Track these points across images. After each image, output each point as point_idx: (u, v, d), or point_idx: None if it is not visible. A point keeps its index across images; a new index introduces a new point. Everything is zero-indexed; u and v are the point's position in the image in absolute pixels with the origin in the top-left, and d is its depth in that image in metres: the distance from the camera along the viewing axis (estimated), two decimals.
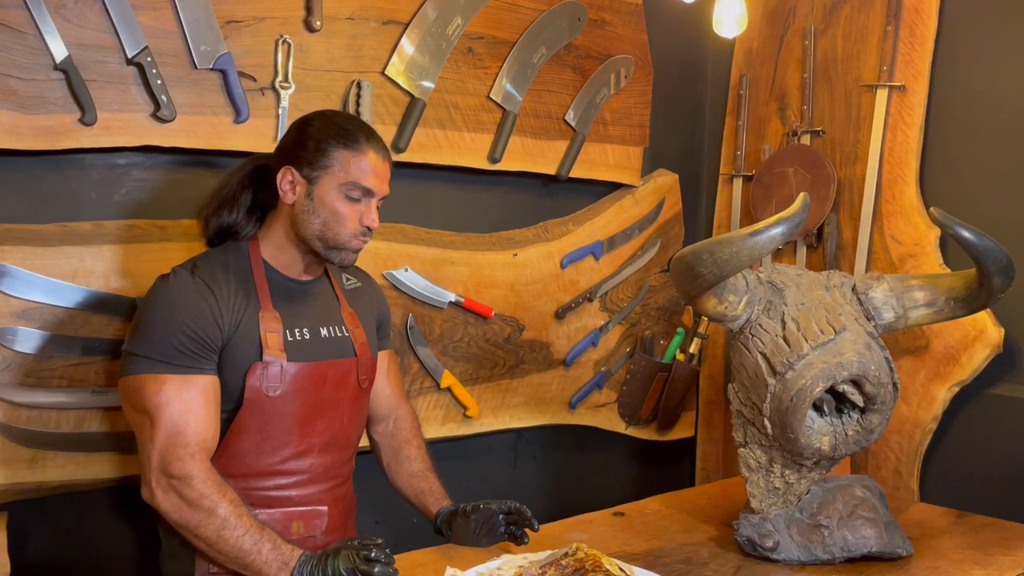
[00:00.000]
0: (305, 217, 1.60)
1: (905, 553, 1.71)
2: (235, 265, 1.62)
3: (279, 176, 1.60)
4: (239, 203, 1.66)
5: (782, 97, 2.70)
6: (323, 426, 1.65)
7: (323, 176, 1.58)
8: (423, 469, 1.83)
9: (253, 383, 1.55)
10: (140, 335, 1.52)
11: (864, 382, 1.59)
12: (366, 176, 1.59)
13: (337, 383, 1.66)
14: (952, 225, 1.57)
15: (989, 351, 2.23)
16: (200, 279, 1.56)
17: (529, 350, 2.50)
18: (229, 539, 1.43)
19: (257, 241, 1.66)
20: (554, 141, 2.48)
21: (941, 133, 2.37)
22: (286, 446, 1.60)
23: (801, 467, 1.72)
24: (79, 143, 1.76)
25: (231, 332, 1.55)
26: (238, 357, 1.55)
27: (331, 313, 1.71)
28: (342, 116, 1.66)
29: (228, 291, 1.57)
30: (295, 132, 1.63)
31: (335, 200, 1.58)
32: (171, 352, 1.50)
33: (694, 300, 1.70)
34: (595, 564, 1.45)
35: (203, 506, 1.44)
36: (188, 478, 1.45)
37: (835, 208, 2.53)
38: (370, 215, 1.61)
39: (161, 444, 1.47)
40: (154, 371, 1.50)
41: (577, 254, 2.58)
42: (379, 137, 1.65)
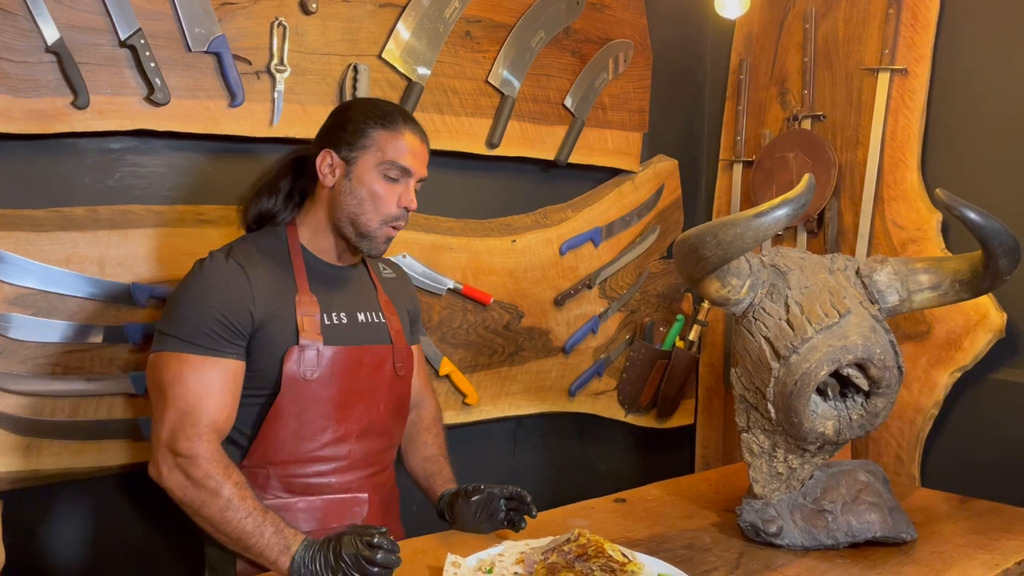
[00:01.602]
0: (342, 198, 1.61)
1: (909, 538, 1.70)
2: (272, 248, 1.63)
3: (319, 159, 1.61)
4: (279, 189, 1.67)
5: (782, 82, 2.67)
6: (360, 412, 1.64)
7: (361, 156, 1.59)
8: (436, 455, 1.83)
9: (290, 367, 1.55)
10: (169, 315, 1.54)
11: (869, 365, 1.58)
12: (404, 156, 1.60)
13: (373, 369, 1.66)
14: (958, 206, 1.55)
15: (991, 336, 2.22)
16: (235, 261, 1.56)
17: (528, 337, 2.48)
18: (231, 520, 1.42)
19: (295, 226, 1.66)
20: (553, 126, 2.46)
21: (943, 117, 2.35)
22: (324, 431, 1.60)
23: (805, 452, 1.70)
24: (72, 127, 1.73)
25: (265, 316, 1.55)
26: (274, 340, 1.55)
27: (368, 299, 1.72)
28: (380, 100, 1.68)
29: (264, 274, 1.57)
30: (334, 116, 1.66)
31: (373, 180, 1.59)
32: (195, 333, 1.50)
33: (697, 284, 1.68)
34: (597, 550, 1.44)
35: (207, 486, 1.43)
36: (194, 457, 1.44)
37: (836, 193, 2.51)
38: (408, 195, 1.61)
39: (170, 422, 1.47)
40: (177, 350, 1.50)
41: (576, 240, 2.57)
42: (416, 121, 1.66)
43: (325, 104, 2.02)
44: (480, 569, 1.47)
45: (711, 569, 1.56)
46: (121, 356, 1.82)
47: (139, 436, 1.84)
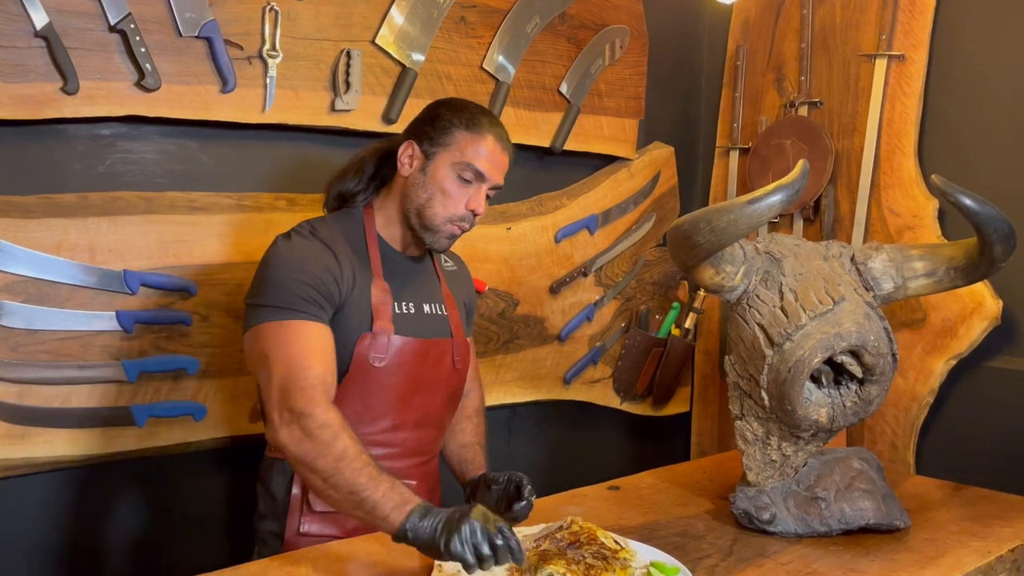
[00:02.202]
0: (414, 190, 1.64)
1: (903, 525, 1.70)
2: (350, 232, 1.66)
3: (401, 148, 1.66)
4: (364, 171, 1.72)
5: (779, 68, 2.66)
6: (419, 402, 1.67)
7: (440, 153, 1.63)
8: (473, 442, 1.85)
9: (361, 352, 1.58)
10: (263, 287, 1.56)
11: (863, 352, 1.57)
12: (481, 160, 1.62)
13: (436, 362, 1.69)
14: (954, 193, 1.54)
15: (987, 324, 2.21)
16: (321, 241, 1.60)
17: (523, 325, 2.47)
18: (345, 472, 1.38)
19: (372, 209, 1.70)
20: (548, 113, 2.44)
21: (941, 104, 2.34)
22: (384, 418, 1.62)
23: (798, 439, 1.70)
24: (61, 113, 1.72)
25: (347, 297, 1.58)
26: (350, 323, 1.58)
27: (433, 291, 1.75)
28: (473, 104, 1.70)
29: (346, 255, 1.61)
30: (426, 111, 1.70)
31: (446, 178, 1.62)
32: (293, 299, 1.52)
33: (691, 270, 1.67)
34: (590, 537, 1.44)
35: (323, 437, 1.41)
36: (309, 410, 1.42)
37: (832, 180, 2.50)
38: (478, 199, 1.64)
39: (279, 379, 1.47)
40: (275, 318, 1.51)
41: (572, 228, 2.56)
42: (503, 128, 1.69)
43: (318, 90, 2.01)
44: None
45: (704, 556, 1.56)
46: (113, 343, 1.81)
47: (131, 423, 1.83)
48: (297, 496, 1.62)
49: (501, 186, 1.68)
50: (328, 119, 2.04)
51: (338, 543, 1.58)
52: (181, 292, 1.87)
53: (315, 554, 1.51)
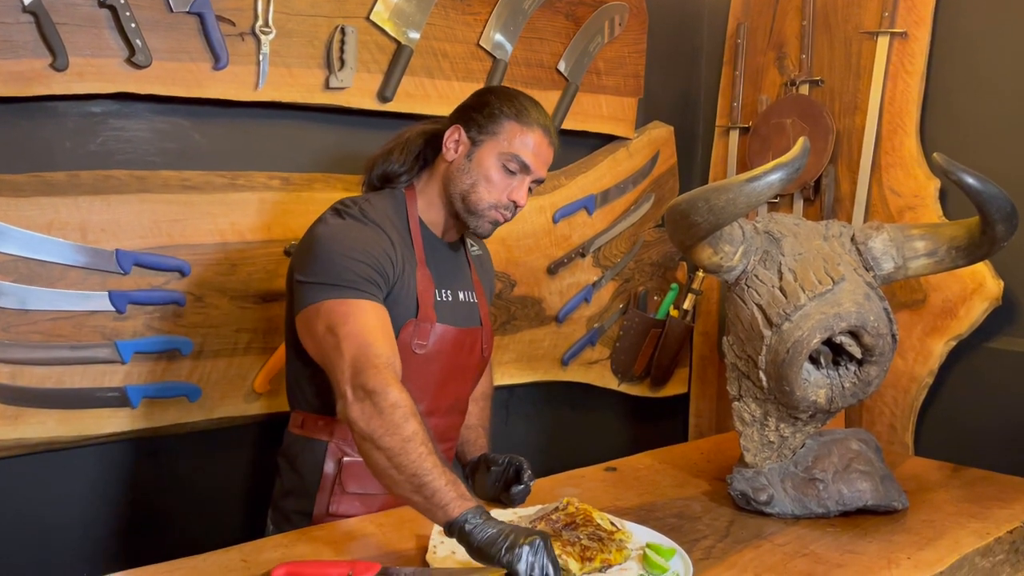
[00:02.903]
0: (458, 175, 1.64)
1: (901, 506, 1.69)
2: (394, 215, 1.65)
3: (447, 133, 1.65)
4: (409, 151, 1.71)
5: (780, 46, 2.63)
6: (452, 389, 1.70)
7: (487, 141, 1.63)
8: (476, 425, 1.85)
9: (405, 338, 1.58)
10: (321, 265, 1.53)
11: (863, 333, 1.56)
12: (527, 152, 1.62)
13: (469, 350, 1.71)
14: (956, 171, 1.52)
15: (987, 304, 2.20)
16: (373, 222, 1.59)
17: (521, 306, 2.46)
18: (412, 454, 1.34)
19: (414, 192, 1.69)
20: (546, 91, 2.41)
21: (943, 82, 2.31)
22: (420, 403, 1.57)
23: (796, 420, 1.69)
24: (51, 89, 1.69)
25: (397, 279, 1.58)
26: (396, 309, 1.57)
27: (466, 278, 1.76)
28: (523, 95, 1.70)
29: (395, 239, 1.61)
30: (476, 97, 1.70)
31: (491, 167, 1.62)
32: (354, 278, 1.51)
33: (689, 250, 1.65)
34: (586, 518, 1.43)
35: (395, 417, 1.37)
36: (383, 388, 1.39)
37: (833, 160, 2.48)
38: (520, 191, 1.64)
39: (351, 356, 1.44)
40: (339, 296, 1.50)
41: (570, 208, 2.53)
42: (551, 122, 1.69)
43: (311, 67, 1.98)
44: None
45: (700, 538, 1.55)
46: (107, 324, 1.79)
47: (125, 404, 1.82)
48: (329, 475, 1.63)
49: (543, 180, 1.69)
50: (322, 97, 2.01)
51: (331, 524, 1.57)
52: (174, 272, 1.85)
53: (308, 536, 1.51)
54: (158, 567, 1.36)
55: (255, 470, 2.05)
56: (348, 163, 2.08)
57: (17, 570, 1.75)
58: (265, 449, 1.99)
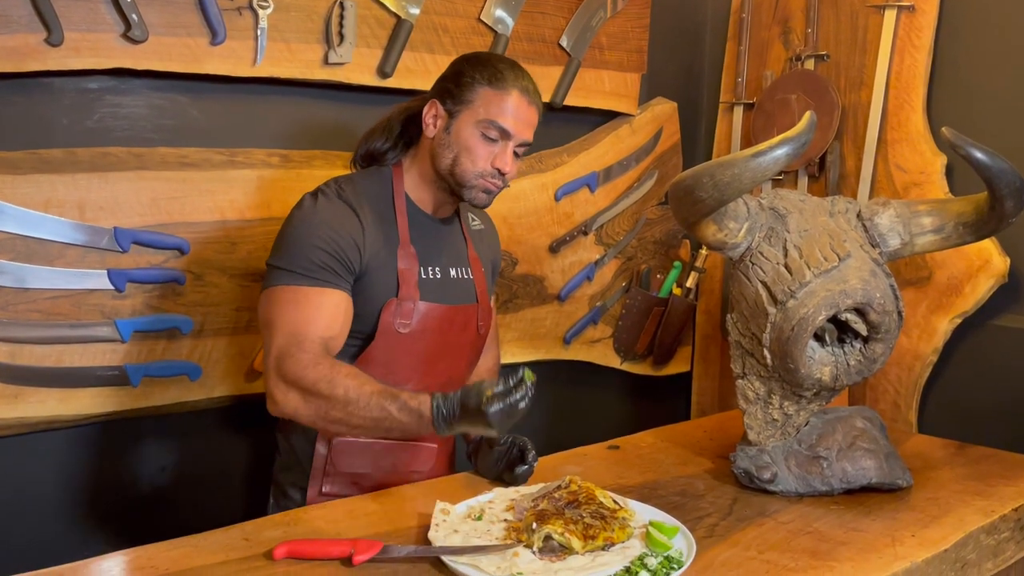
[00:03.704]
0: (440, 151, 1.61)
1: (905, 484, 1.68)
2: (378, 193, 1.64)
3: (425, 108, 1.63)
4: (391, 130, 1.69)
5: (786, 20, 2.59)
6: (443, 368, 1.68)
7: (463, 111, 1.59)
8: None
9: (387, 319, 1.58)
10: (281, 249, 1.56)
11: (868, 310, 1.54)
12: (505, 116, 1.58)
13: (461, 328, 1.69)
14: (964, 146, 1.50)
15: (993, 281, 2.18)
16: (346, 202, 1.58)
17: (523, 284, 2.44)
18: (357, 413, 1.41)
19: (401, 170, 1.67)
20: (548, 67, 2.39)
21: (951, 56, 2.28)
22: (408, 383, 1.60)
23: (800, 398, 1.68)
24: (46, 65, 1.67)
25: (370, 261, 1.57)
26: (375, 288, 1.57)
27: (460, 254, 1.74)
28: (498, 57, 1.67)
29: (372, 219, 1.59)
30: (450, 68, 1.66)
31: (470, 137, 1.59)
32: (308, 265, 1.51)
33: (693, 227, 1.63)
34: (588, 496, 1.42)
35: (321, 391, 1.42)
36: (300, 372, 1.44)
37: (838, 136, 2.45)
38: (503, 157, 1.60)
39: (278, 347, 1.47)
40: (288, 282, 1.52)
41: (572, 186, 2.51)
42: (532, 82, 1.63)
43: (310, 42, 1.95)
44: (469, 516, 1.46)
45: (704, 515, 1.55)
46: (106, 302, 1.78)
47: (125, 383, 1.81)
48: (321, 455, 1.64)
49: (530, 143, 1.64)
50: (321, 72, 1.99)
51: (332, 503, 1.57)
52: (173, 250, 1.84)
53: (310, 514, 1.50)
54: (159, 545, 1.35)
55: (256, 449, 2.04)
56: (348, 140, 2.04)
57: (17, 549, 1.75)
58: (265, 428, 1.97)
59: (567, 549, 1.31)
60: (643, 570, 1.28)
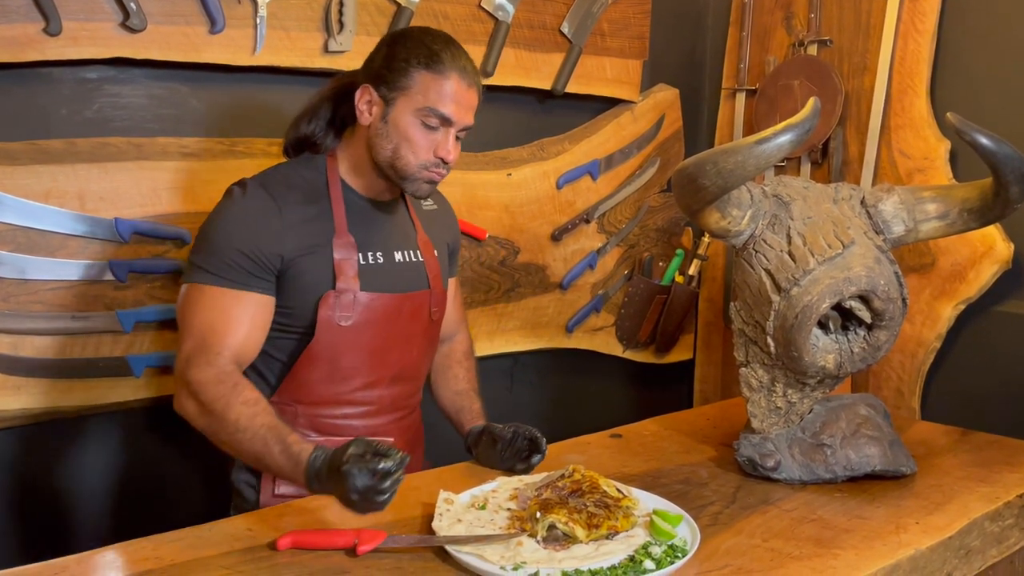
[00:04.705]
0: (378, 141, 1.53)
1: (909, 471, 1.68)
2: (310, 180, 1.57)
3: (358, 93, 1.53)
4: (319, 115, 1.60)
5: (788, 5, 2.57)
6: (394, 358, 1.61)
7: (400, 98, 1.50)
8: (467, 389, 1.81)
9: (325, 313, 1.51)
10: (199, 245, 1.51)
11: (872, 297, 1.54)
12: (446, 102, 1.49)
13: (411, 316, 1.62)
14: (969, 131, 1.49)
15: (997, 268, 2.17)
16: (268, 194, 1.51)
17: (525, 273, 2.44)
18: (242, 443, 1.38)
19: (336, 157, 1.60)
20: (549, 54, 2.37)
21: (955, 40, 2.26)
22: (356, 376, 1.57)
23: (804, 386, 1.67)
24: (45, 55, 1.66)
25: (297, 253, 1.50)
26: (308, 280, 1.51)
27: (406, 237, 1.66)
28: (432, 34, 1.55)
29: (298, 208, 1.52)
30: (383, 48, 1.56)
31: (409, 126, 1.50)
32: (221, 265, 1.46)
33: (696, 215, 1.62)
34: (592, 485, 1.42)
35: (216, 410, 1.39)
36: (202, 383, 1.40)
37: (841, 122, 2.44)
38: (445, 146, 1.52)
39: (187, 351, 1.44)
40: (202, 282, 1.47)
41: (574, 174, 2.50)
42: (469, 61, 1.54)
43: (310, 31, 1.94)
44: (473, 505, 1.46)
45: (707, 504, 1.55)
46: (107, 293, 1.78)
47: (127, 374, 1.81)
48: None
49: (472, 126, 1.56)
50: (321, 61, 1.97)
51: None
52: (175, 240, 1.83)
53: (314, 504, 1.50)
54: (164, 536, 1.35)
55: None
56: None
57: (21, 540, 1.76)
58: None
59: (571, 538, 1.31)
60: (647, 559, 1.28)
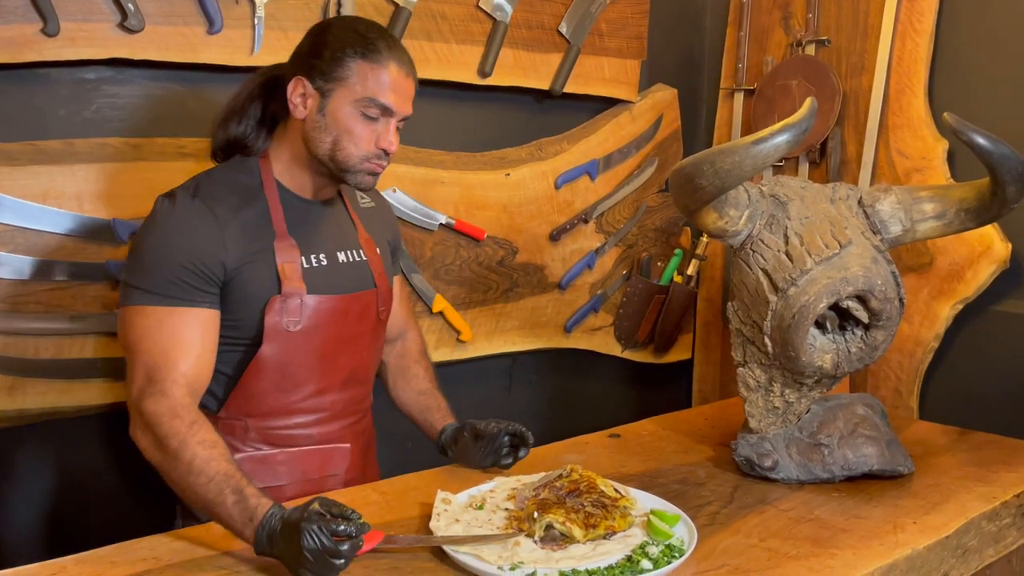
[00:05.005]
0: (316, 134, 1.48)
1: (906, 471, 1.68)
2: (244, 184, 1.51)
3: (290, 87, 1.48)
4: (248, 114, 1.54)
5: (786, 5, 2.57)
6: (344, 361, 1.57)
7: (337, 89, 1.46)
8: (430, 388, 1.78)
9: (272, 319, 1.46)
10: (134, 264, 1.44)
11: (870, 297, 1.54)
12: (385, 92, 1.46)
13: (359, 316, 1.58)
14: (966, 131, 1.49)
15: (995, 267, 2.17)
16: (202, 202, 1.44)
17: (523, 273, 2.44)
18: (194, 486, 1.30)
19: (268, 157, 1.54)
20: (547, 54, 2.37)
21: (953, 40, 2.26)
22: (307, 383, 1.53)
23: (801, 386, 1.67)
24: (43, 56, 1.66)
25: (239, 262, 1.45)
26: (252, 289, 1.46)
27: (347, 237, 1.61)
28: (364, 23, 1.52)
29: (235, 215, 1.46)
30: (311, 38, 1.51)
31: (349, 117, 1.46)
32: (163, 284, 1.40)
33: (693, 215, 1.63)
34: (589, 486, 1.42)
35: (170, 447, 1.32)
36: (158, 415, 1.34)
37: (839, 122, 2.44)
38: (387, 137, 1.48)
39: (139, 380, 1.38)
40: (143, 302, 1.40)
41: (572, 174, 2.50)
42: (404, 49, 1.51)
43: None
44: (471, 505, 1.46)
45: (705, 503, 1.55)
46: (105, 294, 1.78)
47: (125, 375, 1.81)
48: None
49: (411, 116, 1.51)
50: None
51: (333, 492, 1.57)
52: None
53: None
54: (161, 536, 1.36)
55: None
56: None
57: (18, 541, 1.76)
58: None
59: (568, 538, 1.32)
60: (644, 559, 1.28)
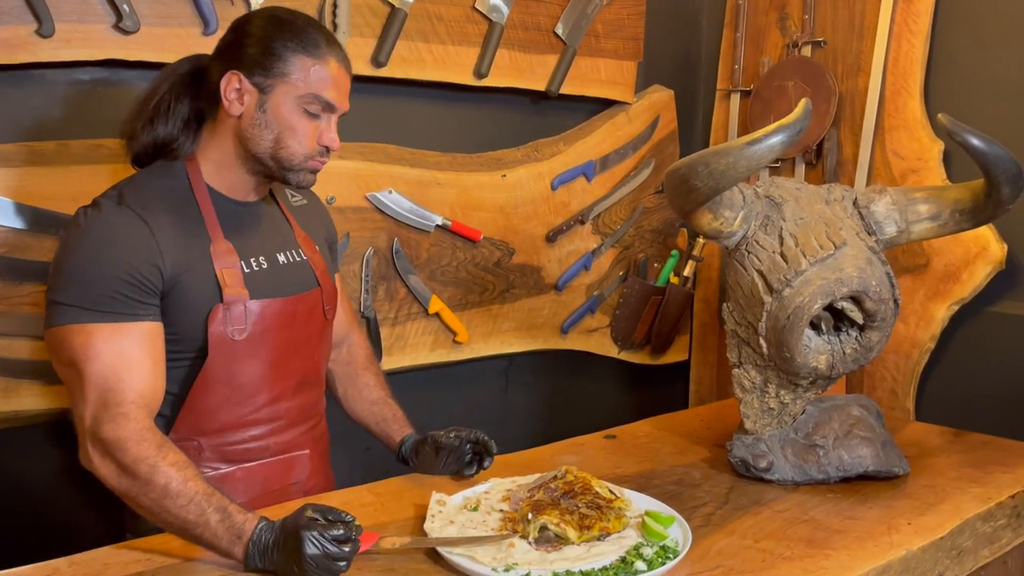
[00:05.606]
0: (256, 132, 1.41)
1: (902, 472, 1.68)
2: (172, 189, 1.43)
3: (223, 82, 1.40)
4: (174, 113, 1.46)
5: (782, 7, 2.57)
6: (295, 366, 1.52)
7: (278, 85, 1.39)
8: (384, 396, 1.73)
9: (216, 329, 1.39)
10: (63, 280, 1.34)
11: (864, 298, 1.54)
12: (327, 88, 1.41)
13: (306, 318, 1.52)
14: (961, 132, 1.49)
15: (991, 268, 2.17)
16: (131, 210, 1.36)
17: (520, 274, 2.44)
18: (171, 509, 1.25)
19: (196, 159, 1.46)
20: (544, 55, 2.37)
21: (949, 41, 2.27)
22: (259, 393, 1.46)
23: (797, 387, 1.67)
24: (37, 56, 1.66)
25: (176, 271, 1.37)
26: (191, 298, 1.39)
27: (285, 237, 1.56)
28: (297, 15, 1.46)
29: (167, 222, 1.38)
30: (241, 31, 1.43)
31: (291, 114, 1.40)
32: (100, 299, 1.31)
33: (688, 216, 1.63)
34: (584, 487, 1.42)
35: (139, 473, 1.26)
36: (122, 441, 1.27)
37: (835, 123, 2.44)
38: (329, 134, 1.44)
39: (93, 404, 1.30)
40: (80, 320, 1.31)
41: (568, 175, 2.50)
42: (340, 46, 1.47)
43: None
44: (466, 507, 1.46)
45: (700, 505, 1.55)
46: None
47: None
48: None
49: (347, 112, 1.47)
50: None
51: (328, 494, 1.57)
52: None
53: None
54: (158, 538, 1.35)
55: None
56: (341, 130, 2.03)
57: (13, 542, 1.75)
58: None
59: (563, 539, 1.32)
60: (639, 560, 1.28)
